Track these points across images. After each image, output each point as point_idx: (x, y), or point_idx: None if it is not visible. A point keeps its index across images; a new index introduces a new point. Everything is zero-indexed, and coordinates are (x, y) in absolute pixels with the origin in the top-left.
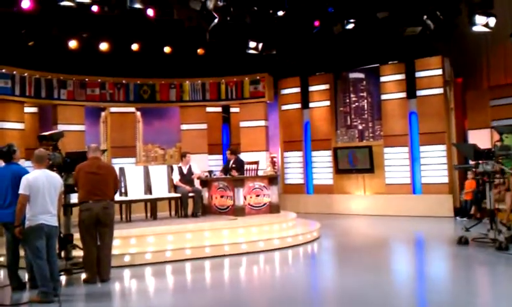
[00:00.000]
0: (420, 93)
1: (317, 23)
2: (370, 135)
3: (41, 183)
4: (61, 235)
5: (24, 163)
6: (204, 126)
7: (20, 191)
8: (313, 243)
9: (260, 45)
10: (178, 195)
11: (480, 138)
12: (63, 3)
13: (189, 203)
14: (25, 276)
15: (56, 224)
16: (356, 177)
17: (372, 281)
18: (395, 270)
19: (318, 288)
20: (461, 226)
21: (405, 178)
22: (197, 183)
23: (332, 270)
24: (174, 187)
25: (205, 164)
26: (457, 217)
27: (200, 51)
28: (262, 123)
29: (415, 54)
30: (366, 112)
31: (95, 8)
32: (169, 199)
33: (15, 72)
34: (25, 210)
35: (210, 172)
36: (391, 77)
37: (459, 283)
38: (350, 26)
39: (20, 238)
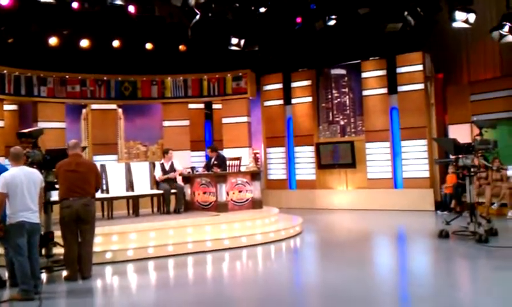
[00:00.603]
0: (401, 88)
1: (299, 19)
2: (352, 130)
3: (19, 181)
4: (42, 232)
5: (4, 161)
6: (186, 122)
7: None
8: (296, 238)
9: (242, 42)
10: (161, 192)
11: (461, 133)
12: (42, 0)
13: (172, 199)
14: (5, 274)
15: (38, 221)
16: (338, 172)
17: (354, 275)
18: (378, 264)
19: (301, 283)
20: (442, 219)
21: (387, 173)
22: (179, 179)
23: (315, 265)
24: (156, 184)
25: (187, 160)
26: (438, 211)
27: (181, 47)
28: (245, 119)
29: (396, 50)
30: (348, 107)
31: (75, 5)
32: (152, 196)
33: None
34: (6, 208)
35: (193, 168)
36: (372, 73)
37: (441, 275)
38: (332, 22)
39: (1, 235)
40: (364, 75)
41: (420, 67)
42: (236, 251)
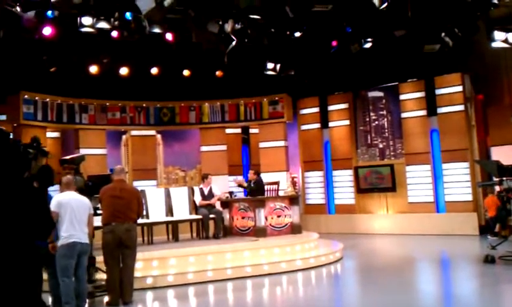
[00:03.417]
0: (440, 110)
1: (334, 43)
2: (392, 153)
3: (69, 203)
4: None
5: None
6: (224, 147)
7: (51, 208)
8: (336, 264)
9: (278, 66)
10: (200, 217)
11: (504, 154)
12: (83, 29)
13: (210, 224)
14: (49, 300)
15: (88, 241)
16: (378, 196)
17: (397, 302)
18: (421, 290)
19: None
20: (487, 244)
21: (428, 196)
22: (218, 204)
23: (356, 292)
24: (195, 209)
25: (225, 185)
26: (488, 236)
27: (218, 73)
28: (282, 143)
29: (434, 71)
30: (386, 130)
31: (114, 34)
32: (191, 221)
33: (37, 98)
34: (58, 229)
35: (231, 193)
36: (411, 95)
37: (487, 302)
38: (368, 45)
39: (54, 253)
40: (402, 97)
41: (459, 88)
42: (276, 277)
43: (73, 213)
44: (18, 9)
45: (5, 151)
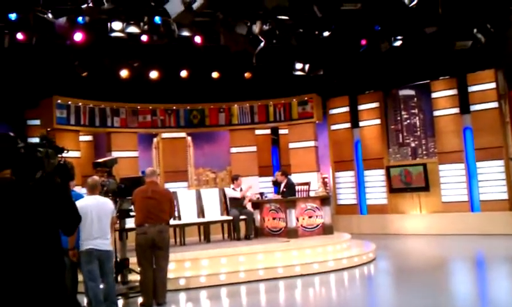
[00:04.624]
0: (473, 107)
1: (363, 41)
2: (424, 152)
3: (89, 210)
4: (118, 259)
5: (80, 190)
6: (254, 148)
7: None
8: (369, 264)
9: (307, 66)
10: (230, 218)
11: None
12: (113, 34)
13: (241, 225)
14: (84, 300)
15: (109, 248)
16: (411, 196)
17: (432, 303)
18: (456, 291)
19: None
20: None
21: (462, 196)
22: (249, 205)
23: (390, 293)
24: (226, 210)
25: (256, 186)
26: None
27: (247, 75)
28: (312, 143)
29: (466, 68)
30: (418, 129)
31: (144, 38)
32: (222, 222)
33: (69, 102)
34: (80, 235)
35: (262, 194)
36: (443, 93)
37: None
38: (398, 43)
39: (75, 261)
40: (434, 95)
41: (493, 85)
42: (308, 278)
43: (92, 220)
44: (50, 15)
45: (14, 155)
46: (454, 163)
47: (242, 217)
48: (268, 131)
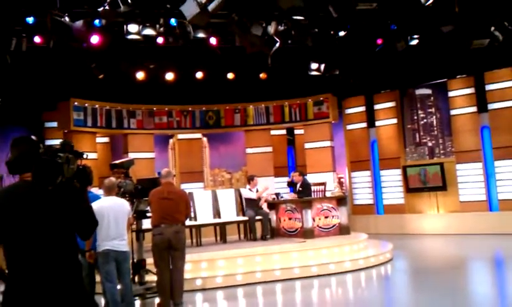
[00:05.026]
0: (491, 106)
1: (379, 41)
2: (441, 151)
3: (106, 211)
4: (134, 260)
5: (98, 191)
6: (269, 149)
7: None
8: (386, 265)
9: (323, 66)
10: (246, 218)
11: None
12: (129, 37)
13: (257, 226)
14: (102, 301)
15: (125, 249)
16: (428, 195)
17: (450, 304)
18: (475, 292)
19: None
20: None
21: (480, 195)
22: (264, 206)
23: (408, 293)
24: (242, 211)
25: (271, 186)
26: None
27: (262, 75)
28: (328, 143)
29: (484, 66)
30: (435, 128)
31: (160, 40)
32: (238, 222)
33: (86, 104)
34: (97, 236)
35: (277, 194)
36: (460, 92)
37: None
38: (414, 42)
39: (92, 262)
40: (451, 93)
41: (510, 83)
42: (324, 278)
43: (109, 220)
44: (66, 19)
45: (35, 159)
46: (471, 162)
47: (258, 217)
48: (284, 131)
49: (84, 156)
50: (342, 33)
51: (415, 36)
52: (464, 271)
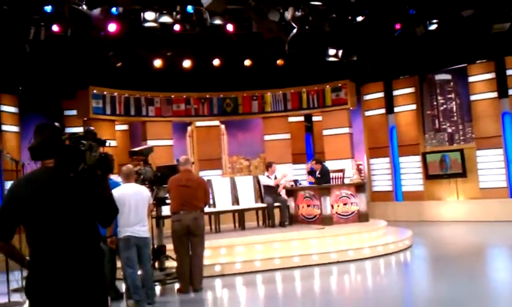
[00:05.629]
0: None
1: (398, 26)
2: (461, 138)
3: (127, 198)
4: (155, 246)
5: (117, 178)
6: (287, 136)
7: None
8: (406, 252)
9: (340, 52)
10: (265, 205)
11: None
12: (147, 24)
13: (276, 213)
14: (123, 287)
15: (146, 235)
16: (447, 182)
17: (469, 291)
18: (494, 279)
19: (413, 299)
20: None
21: (501, 182)
22: (283, 193)
23: (427, 280)
24: (260, 198)
25: (289, 173)
26: None
27: (279, 62)
28: (346, 130)
29: (504, 51)
30: (455, 114)
31: (177, 27)
32: (256, 209)
33: (105, 92)
34: (118, 222)
35: (296, 181)
36: (480, 77)
37: None
38: (433, 27)
39: (113, 248)
40: (471, 79)
41: None
42: (343, 265)
43: (130, 207)
44: (84, 7)
45: (58, 146)
46: (492, 148)
47: (276, 204)
48: (301, 118)
49: (107, 144)
50: (359, 18)
51: (434, 21)
52: (484, 258)
